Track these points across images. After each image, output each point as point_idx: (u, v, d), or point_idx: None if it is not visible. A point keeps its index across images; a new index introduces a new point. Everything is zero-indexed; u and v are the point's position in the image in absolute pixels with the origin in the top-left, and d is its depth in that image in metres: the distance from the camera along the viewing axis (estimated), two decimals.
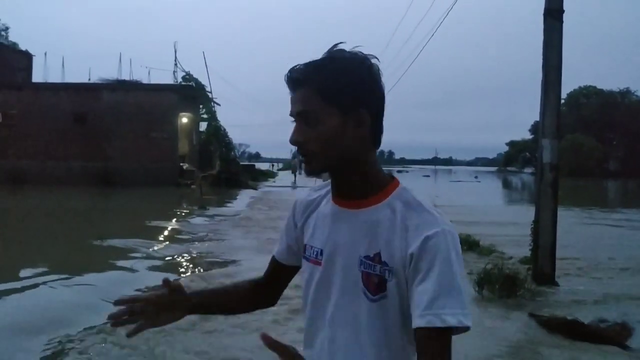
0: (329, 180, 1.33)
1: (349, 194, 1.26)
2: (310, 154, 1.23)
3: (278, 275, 1.51)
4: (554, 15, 7.41)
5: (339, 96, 1.19)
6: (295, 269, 1.47)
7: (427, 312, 1.09)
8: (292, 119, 1.25)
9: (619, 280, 8.15)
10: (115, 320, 1.30)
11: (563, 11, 7.44)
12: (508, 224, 15.28)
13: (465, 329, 1.12)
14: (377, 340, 1.19)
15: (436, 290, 1.10)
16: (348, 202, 1.26)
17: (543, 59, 7.48)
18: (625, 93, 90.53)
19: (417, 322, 1.10)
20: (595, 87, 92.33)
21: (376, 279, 1.19)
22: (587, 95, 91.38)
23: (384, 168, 1.30)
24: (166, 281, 1.35)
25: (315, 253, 1.31)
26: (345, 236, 1.25)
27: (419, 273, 1.13)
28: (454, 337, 1.14)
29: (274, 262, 1.50)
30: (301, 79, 1.21)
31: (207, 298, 1.50)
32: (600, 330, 5.28)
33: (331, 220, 1.29)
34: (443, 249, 1.12)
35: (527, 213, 10.46)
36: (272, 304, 1.58)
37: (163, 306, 1.35)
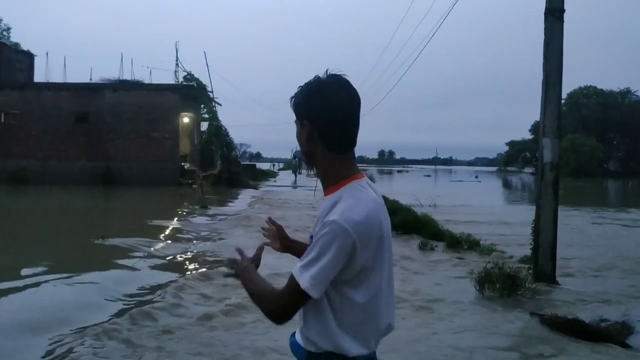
0: None
1: (324, 186, 1.75)
2: (304, 153, 1.79)
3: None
4: (554, 14, 7.42)
5: (294, 110, 1.74)
6: None
7: (301, 267, 1.61)
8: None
9: (620, 279, 8.16)
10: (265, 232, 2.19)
11: (564, 10, 7.44)
12: (508, 223, 15.30)
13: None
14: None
15: (308, 255, 1.61)
16: (324, 192, 1.74)
17: (544, 59, 7.49)
18: (626, 93, 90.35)
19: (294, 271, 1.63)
20: (595, 87, 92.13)
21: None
22: (587, 95, 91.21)
23: (384, 168, 1.96)
24: (270, 220, 2.15)
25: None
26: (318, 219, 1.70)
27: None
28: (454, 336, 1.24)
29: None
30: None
31: (298, 249, 2.03)
32: (600, 329, 5.29)
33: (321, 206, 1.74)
34: (325, 231, 1.57)
35: (527, 213, 10.50)
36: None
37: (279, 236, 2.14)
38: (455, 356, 4.56)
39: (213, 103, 33.77)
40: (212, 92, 33.66)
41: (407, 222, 11.89)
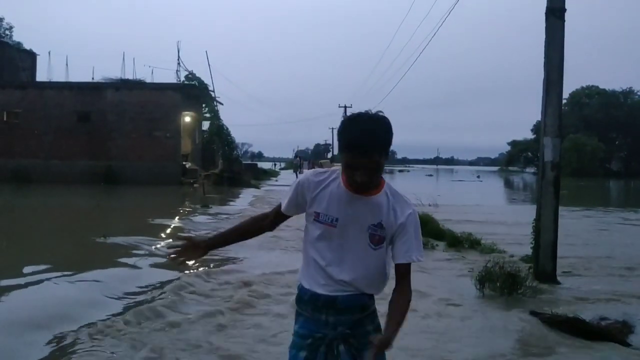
0: (334, 168, 2.21)
1: (370, 188, 2.13)
2: (372, 182, 2.12)
3: (280, 220, 2.38)
4: (556, 14, 7.43)
5: (387, 145, 2.09)
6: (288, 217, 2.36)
7: (413, 253, 2.16)
8: (363, 167, 2.05)
9: (621, 278, 8.17)
10: (173, 253, 2.39)
11: (565, 10, 7.45)
12: (509, 223, 15.32)
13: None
14: (373, 265, 2.17)
15: (415, 243, 2.16)
16: (359, 190, 2.11)
17: (545, 58, 7.50)
18: (628, 93, 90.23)
19: (406, 259, 2.16)
20: (597, 87, 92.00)
21: (379, 237, 2.15)
22: (589, 95, 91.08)
23: (385, 168, 2.13)
24: (179, 237, 2.34)
25: (330, 219, 2.14)
26: (359, 211, 2.13)
27: (404, 234, 2.14)
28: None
29: (280, 213, 2.32)
30: (375, 146, 2.05)
31: (220, 241, 2.48)
32: (601, 328, 5.30)
33: (346, 200, 2.13)
34: (416, 221, 2.18)
35: (528, 212, 10.49)
36: (271, 230, 2.44)
37: (191, 248, 2.38)
38: (455, 355, 4.57)
39: (215, 102, 33.86)
40: (213, 91, 33.80)
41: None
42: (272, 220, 2.37)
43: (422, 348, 4.68)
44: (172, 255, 2.39)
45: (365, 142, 1.97)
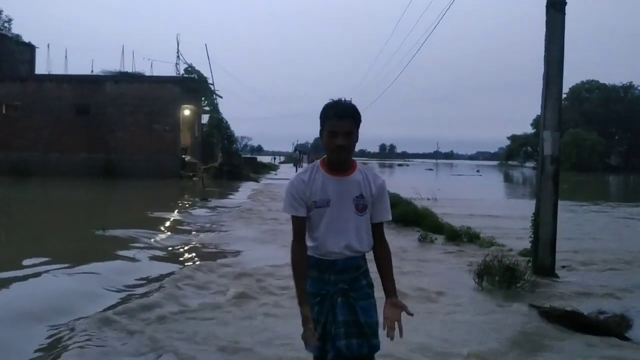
0: (311, 164, 2.80)
1: (340, 170, 2.72)
2: (348, 150, 2.67)
3: (304, 229, 2.78)
4: (556, 7, 7.39)
5: (358, 121, 2.72)
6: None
7: (386, 214, 2.81)
8: (341, 131, 2.63)
9: (620, 273, 8.17)
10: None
11: (565, 3, 7.42)
12: (509, 217, 15.33)
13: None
14: (358, 229, 2.73)
15: (386, 206, 2.80)
16: (339, 172, 2.72)
17: (545, 52, 7.48)
18: (628, 87, 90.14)
19: (380, 219, 2.80)
20: (597, 82, 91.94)
21: (363, 205, 2.73)
22: (589, 89, 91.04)
23: (384, 161, 2.67)
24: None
25: (325, 202, 2.69)
26: (344, 189, 2.71)
27: (379, 200, 2.76)
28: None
29: (301, 220, 2.75)
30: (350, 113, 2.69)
31: (304, 291, 2.72)
32: (599, 322, 5.30)
33: (332, 184, 2.70)
34: (386, 191, 2.81)
35: (527, 206, 10.50)
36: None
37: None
38: (453, 348, 4.57)
39: (214, 95, 33.76)
40: (213, 84, 33.68)
41: (407, 214, 11.91)
42: (303, 237, 2.78)
43: (418, 341, 4.69)
44: (310, 345, 2.63)
45: (342, 110, 2.66)
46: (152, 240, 9.75)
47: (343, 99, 2.75)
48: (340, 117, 2.64)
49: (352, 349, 2.64)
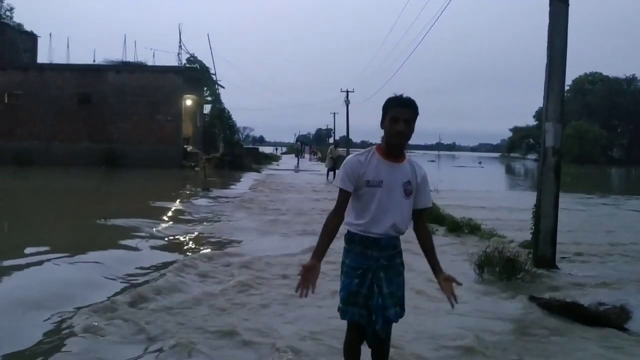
0: (368, 149, 3.19)
1: (395, 157, 3.11)
2: (406, 136, 3.06)
3: (348, 203, 3.13)
4: None
5: (417, 113, 3.08)
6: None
7: (428, 201, 3.24)
8: (402, 118, 3.03)
9: (620, 265, 8.18)
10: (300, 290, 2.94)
11: None
12: (510, 208, 15.32)
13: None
14: (405, 213, 3.12)
15: (428, 194, 3.23)
16: (394, 158, 3.11)
17: (548, 43, 7.45)
18: (632, 80, 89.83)
19: (424, 205, 3.21)
20: (601, 74, 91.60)
21: (409, 190, 3.09)
22: (592, 81, 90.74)
23: None
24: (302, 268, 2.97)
25: (378, 182, 3.05)
26: (395, 174, 3.08)
27: (423, 188, 3.17)
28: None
29: (348, 195, 3.10)
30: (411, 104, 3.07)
31: (325, 250, 3.05)
32: (599, 313, 5.31)
33: (386, 168, 3.08)
34: (427, 179, 3.22)
35: (529, 198, 10.49)
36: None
37: (309, 271, 2.96)
38: (453, 339, 4.59)
39: (216, 86, 33.73)
40: (215, 74, 33.63)
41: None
42: (342, 211, 3.12)
43: (418, 330, 4.71)
44: (302, 291, 2.94)
45: (405, 101, 3.06)
46: (154, 229, 9.76)
47: (404, 95, 3.11)
48: (403, 106, 3.05)
49: (398, 315, 3.13)
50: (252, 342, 4.34)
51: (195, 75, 31.70)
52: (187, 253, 7.95)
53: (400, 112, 3.02)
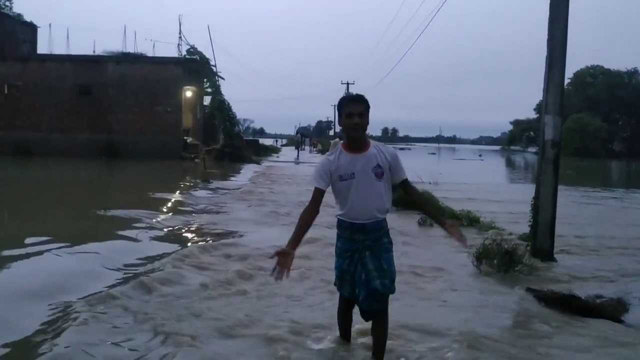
0: (336, 148, 3.59)
1: (358, 148, 3.51)
2: (362, 127, 3.49)
3: (322, 198, 3.49)
4: None
5: (368, 106, 3.53)
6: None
7: (403, 174, 3.66)
8: (356, 112, 3.45)
9: (618, 257, 8.20)
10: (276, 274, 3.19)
11: None
12: (509, 201, 15.34)
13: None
14: (383, 193, 3.53)
15: (402, 168, 3.64)
16: (358, 150, 3.51)
17: (548, 35, 7.43)
18: (633, 73, 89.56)
19: (401, 177, 3.65)
20: (602, 67, 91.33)
21: (380, 172, 3.48)
22: (593, 75, 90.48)
23: (387, 144, 3.82)
24: (276, 253, 3.21)
25: (349, 175, 3.46)
26: (363, 163, 3.48)
27: (395, 165, 3.58)
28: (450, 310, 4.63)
29: (321, 192, 3.49)
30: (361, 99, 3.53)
31: (298, 241, 3.37)
32: (595, 305, 5.34)
33: (350, 160, 3.48)
34: (398, 158, 3.63)
35: (528, 191, 10.50)
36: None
37: (284, 257, 3.21)
38: (450, 329, 4.61)
39: (216, 77, 33.65)
40: (215, 66, 33.56)
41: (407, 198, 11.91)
42: (316, 205, 3.48)
43: (415, 321, 4.73)
44: (277, 275, 3.19)
45: (356, 97, 3.58)
46: (154, 220, 9.78)
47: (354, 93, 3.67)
48: (355, 102, 3.50)
49: (385, 286, 3.51)
50: (251, 334, 4.36)
51: (195, 67, 31.62)
52: (187, 244, 7.97)
53: (353, 108, 3.46)
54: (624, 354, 4.32)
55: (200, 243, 7.95)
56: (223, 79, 34.64)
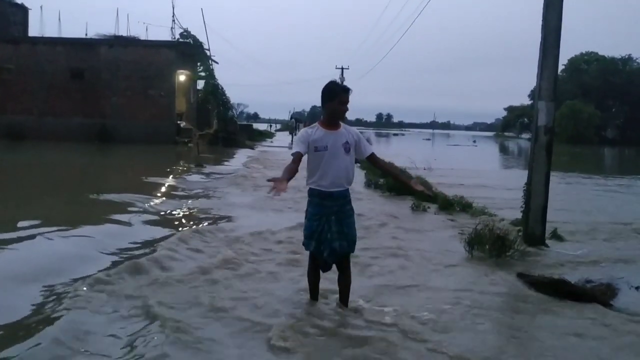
0: (313, 125, 4.42)
1: (333, 126, 4.32)
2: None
3: (300, 162, 4.13)
4: None
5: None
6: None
7: (369, 149, 4.48)
8: (347, 101, 4.30)
9: (608, 243, 8.27)
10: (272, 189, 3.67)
11: None
12: (502, 187, 15.41)
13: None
14: (349, 166, 4.35)
15: (367, 144, 4.50)
16: (333, 128, 4.32)
17: (543, 20, 7.42)
18: (627, 60, 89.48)
19: (368, 152, 4.45)
20: (596, 54, 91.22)
21: (348, 148, 4.31)
22: (588, 61, 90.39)
23: (381, 131, 3.56)
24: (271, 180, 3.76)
25: (323, 147, 4.23)
26: (335, 139, 4.27)
27: (360, 143, 4.42)
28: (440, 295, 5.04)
29: (300, 155, 4.14)
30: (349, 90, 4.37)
31: (290, 178, 3.89)
32: (585, 290, 5.39)
33: (324, 134, 4.27)
34: (362, 137, 4.51)
35: (521, 177, 10.54)
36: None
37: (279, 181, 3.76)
38: (441, 314, 4.65)
39: (210, 61, 33.40)
40: (209, 50, 33.26)
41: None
42: (296, 163, 4.11)
43: (406, 307, 4.76)
44: (275, 193, 3.65)
45: (347, 88, 4.32)
46: (147, 205, 9.76)
47: (339, 81, 4.48)
48: (347, 92, 4.28)
49: (343, 248, 4.32)
50: (241, 317, 4.38)
51: (189, 51, 31.36)
52: (180, 228, 7.97)
53: (346, 97, 4.25)
54: (605, 334, 4.41)
55: (193, 227, 7.96)
56: (217, 63, 34.43)
